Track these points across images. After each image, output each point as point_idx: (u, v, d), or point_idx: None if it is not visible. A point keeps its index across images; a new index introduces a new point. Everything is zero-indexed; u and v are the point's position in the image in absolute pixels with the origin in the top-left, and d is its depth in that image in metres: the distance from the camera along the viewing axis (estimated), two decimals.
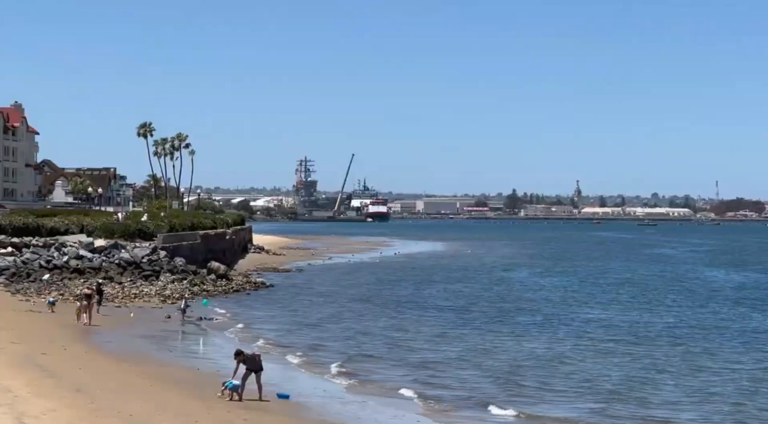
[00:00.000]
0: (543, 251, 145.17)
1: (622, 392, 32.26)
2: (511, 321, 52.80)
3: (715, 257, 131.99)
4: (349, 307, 59.50)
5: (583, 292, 72.30)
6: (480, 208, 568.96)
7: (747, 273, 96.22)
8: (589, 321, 53.18)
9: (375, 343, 43.63)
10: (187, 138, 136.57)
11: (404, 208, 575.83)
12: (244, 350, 30.07)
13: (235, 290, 67.10)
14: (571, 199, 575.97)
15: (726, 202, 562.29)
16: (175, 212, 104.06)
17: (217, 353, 39.33)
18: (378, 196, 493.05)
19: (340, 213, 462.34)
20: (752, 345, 44.16)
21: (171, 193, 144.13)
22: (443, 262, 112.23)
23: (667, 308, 61.25)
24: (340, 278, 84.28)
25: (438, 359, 38.87)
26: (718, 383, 34.14)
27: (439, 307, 60.20)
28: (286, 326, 48.98)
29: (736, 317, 56.20)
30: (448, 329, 48.69)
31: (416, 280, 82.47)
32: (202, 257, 78.43)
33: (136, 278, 63.79)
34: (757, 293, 72.48)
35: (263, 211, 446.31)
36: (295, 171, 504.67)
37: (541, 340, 45.03)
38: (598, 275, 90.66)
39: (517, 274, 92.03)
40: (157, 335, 43.66)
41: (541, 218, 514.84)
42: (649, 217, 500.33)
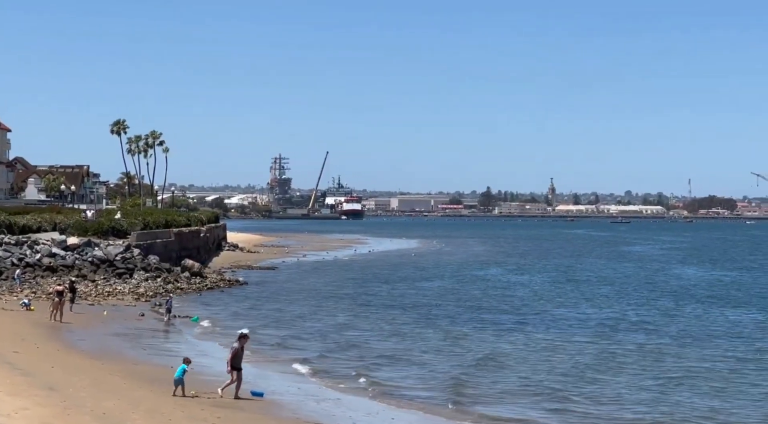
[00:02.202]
0: (516, 249, 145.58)
1: (574, 391, 32.38)
2: (481, 319, 52.87)
3: (686, 254, 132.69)
4: (323, 304, 59.50)
5: (553, 289, 72.56)
6: (454, 206, 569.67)
7: (715, 271, 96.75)
8: (558, 318, 53.42)
9: (348, 341, 43.66)
10: (161, 136, 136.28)
11: (379, 206, 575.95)
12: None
13: (209, 287, 67.00)
14: (545, 197, 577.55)
15: (698, 200, 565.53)
16: (149, 210, 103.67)
17: (191, 351, 39.19)
18: (352, 194, 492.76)
19: (315, 211, 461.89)
20: (710, 342, 44.41)
21: (145, 190, 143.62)
22: (417, 260, 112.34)
23: (633, 305, 61.51)
24: (315, 275, 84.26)
25: (407, 356, 39.04)
26: (678, 382, 34.31)
27: (412, 305, 60.26)
28: (260, 324, 48.87)
29: (702, 314, 56.50)
30: (419, 327, 48.72)
31: (390, 278, 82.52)
32: (176, 254, 78.30)
33: (110, 276, 63.54)
34: (721, 291, 72.87)
35: (237, 208, 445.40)
36: (270, 169, 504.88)
37: (507, 337, 45.22)
38: (570, 273, 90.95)
39: (490, 272, 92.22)
40: (130, 333, 43.51)
41: (516, 215, 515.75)
42: (623, 214, 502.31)
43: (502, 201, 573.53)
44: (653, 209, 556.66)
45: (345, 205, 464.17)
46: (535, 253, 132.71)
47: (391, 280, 79.92)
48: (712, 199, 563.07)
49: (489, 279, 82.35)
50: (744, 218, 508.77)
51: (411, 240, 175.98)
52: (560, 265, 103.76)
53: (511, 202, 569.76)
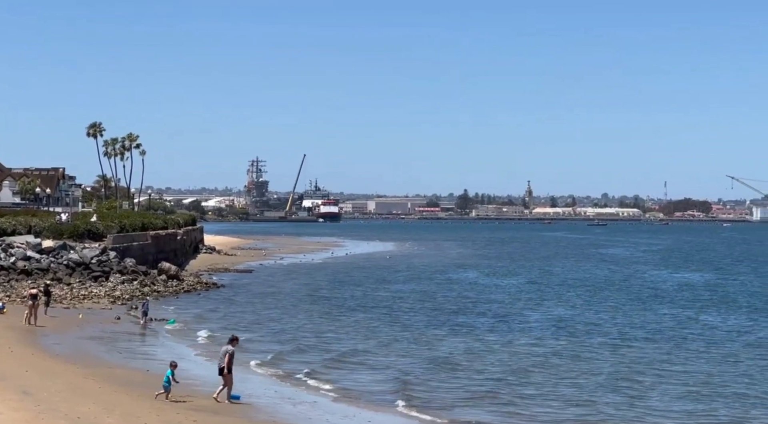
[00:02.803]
0: (493, 252, 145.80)
1: (548, 394, 32.52)
2: (453, 322, 52.90)
3: (661, 256, 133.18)
4: (299, 307, 59.45)
5: (528, 292, 72.58)
6: (431, 209, 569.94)
7: (689, 273, 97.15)
8: (531, 321, 53.52)
9: (323, 344, 43.67)
10: (137, 138, 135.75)
11: (356, 209, 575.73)
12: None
13: (186, 290, 66.84)
14: (522, 199, 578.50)
15: (674, 203, 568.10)
16: (125, 213, 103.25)
17: (167, 354, 39.08)
18: (329, 197, 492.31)
19: (292, 213, 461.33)
20: (682, 344, 44.66)
21: (121, 193, 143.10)
22: (393, 262, 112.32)
23: (606, 307, 61.72)
24: (291, 278, 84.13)
25: (382, 359, 39.13)
26: (650, 385, 34.48)
27: (385, 307, 60.27)
28: (238, 327, 48.69)
29: (675, 316, 56.73)
30: (392, 330, 48.75)
31: (366, 280, 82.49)
32: (153, 257, 78.02)
33: (85, 279, 63.24)
34: (694, 293, 73.17)
35: (215, 211, 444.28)
36: (247, 171, 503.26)
37: (480, 339, 45.34)
38: (546, 276, 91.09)
39: (465, 275, 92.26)
40: (106, 336, 43.31)
41: (493, 218, 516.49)
42: (599, 217, 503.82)
43: (479, 204, 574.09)
44: (630, 212, 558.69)
45: (322, 207, 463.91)
46: (511, 256, 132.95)
47: (366, 283, 79.87)
48: (687, 201, 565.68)
49: (464, 282, 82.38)
50: (719, 220, 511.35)
51: (387, 243, 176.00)
52: (536, 268, 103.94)
53: (488, 205, 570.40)
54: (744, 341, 46.05)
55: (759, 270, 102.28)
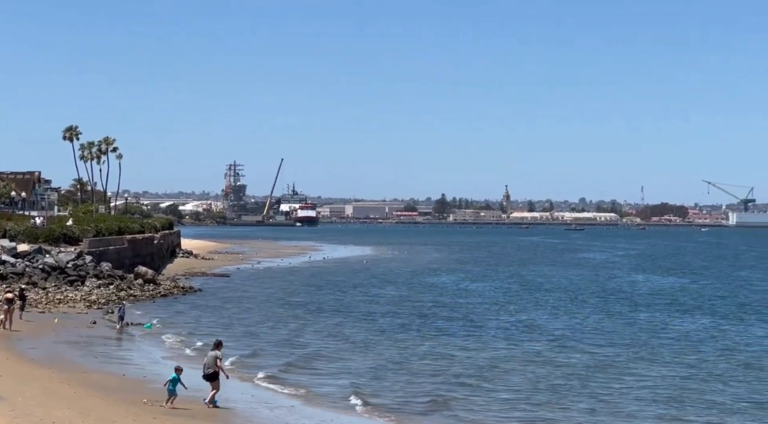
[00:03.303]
0: (470, 256, 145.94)
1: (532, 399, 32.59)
2: (428, 326, 52.95)
3: (639, 261, 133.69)
4: (276, 312, 59.38)
5: (505, 297, 72.66)
6: (409, 213, 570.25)
7: (667, 277, 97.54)
8: (507, 325, 53.57)
9: (298, 348, 43.61)
10: (114, 142, 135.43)
11: (333, 213, 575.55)
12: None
13: (162, 294, 66.65)
14: (500, 203, 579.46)
15: (651, 207, 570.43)
16: (101, 217, 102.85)
17: (143, 359, 39.00)
18: (307, 201, 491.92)
19: (270, 217, 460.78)
20: (659, 348, 44.81)
21: (98, 197, 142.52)
22: (370, 267, 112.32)
23: (584, 311, 61.89)
24: (269, 282, 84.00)
25: (358, 364, 39.11)
26: (627, 389, 34.57)
27: (362, 312, 60.27)
28: (214, 331, 48.59)
29: (652, 320, 56.92)
30: (369, 335, 48.75)
31: (343, 285, 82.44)
32: (130, 261, 77.78)
33: (61, 283, 62.94)
34: (671, 297, 73.46)
35: (192, 215, 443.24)
36: (224, 175, 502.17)
37: (453, 344, 45.39)
38: (523, 280, 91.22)
39: (442, 279, 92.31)
40: (82, 341, 43.11)
41: (470, 222, 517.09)
42: (577, 221, 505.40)
43: (457, 208, 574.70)
44: (607, 216, 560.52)
45: (300, 212, 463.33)
46: (488, 260, 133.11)
47: (343, 287, 79.81)
48: (664, 206, 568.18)
49: (440, 286, 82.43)
50: (696, 225, 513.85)
51: (365, 247, 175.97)
52: (513, 272, 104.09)
53: (466, 210, 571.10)
54: (717, 345, 46.19)
55: (733, 274, 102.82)
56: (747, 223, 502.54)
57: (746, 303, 68.75)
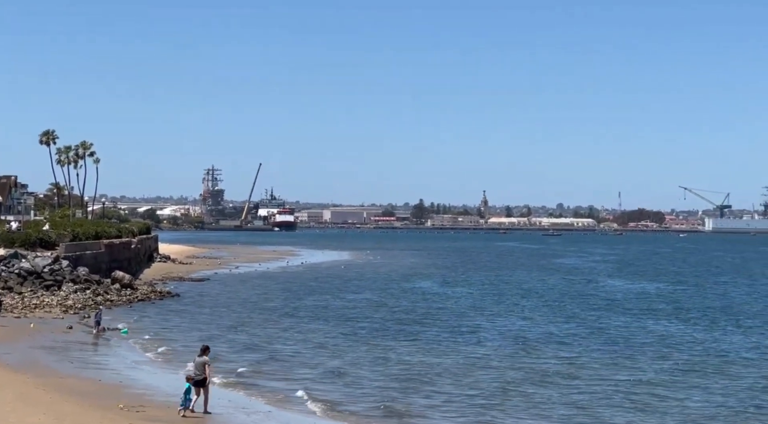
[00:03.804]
0: (448, 261, 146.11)
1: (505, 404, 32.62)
2: (406, 330, 53.01)
3: (616, 267, 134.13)
4: (253, 316, 59.33)
5: (481, 302, 72.72)
6: (387, 218, 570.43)
7: (643, 283, 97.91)
8: (483, 330, 53.68)
9: (275, 353, 43.61)
10: (91, 146, 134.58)
11: (311, 218, 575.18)
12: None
13: (139, 299, 66.53)
14: (477, 209, 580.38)
15: (628, 213, 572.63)
16: (78, 221, 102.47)
17: (120, 364, 38.92)
18: (285, 206, 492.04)
19: (247, 222, 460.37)
20: (632, 354, 44.99)
21: (75, 201, 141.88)
22: (348, 272, 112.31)
23: (559, 317, 62.05)
24: (246, 287, 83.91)
25: (334, 369, 39.08)
26: (599, 395, 34.71)
27: (338, 317, 60.25)
28: (191, 335, 48.60)
29: (627, 326, 57.10)
30: (344, 340, 48.78)
31: (320, 290, 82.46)
32: (107, 266, 77.56)
33: (37, 288, 62.69)
34: (647, 303, 73.77)
35: (170, 220, 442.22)
36: (202, 180, 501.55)
37: (425, 348, 45.49)
38: (500, 285, 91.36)
39: (420, 284, 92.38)
40: (58, 346, 42.98)
41: (448, 227, 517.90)
42: (554, 227, 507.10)
43: (435, 213, 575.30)
44: (584, 222, 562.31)
45: (278, 216, 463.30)
46: (466, 265, 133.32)
47: (320, 292, 79.82)
48: (641, 212, 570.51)
49: (417, 291, 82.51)
50: (673, 230, 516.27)
51: (343, 252, 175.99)
52: (490, 277, 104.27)
53: (444, 215, 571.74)
54: (693, 351, 46.43)
55: (711, 280, 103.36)
56: (723, 229, 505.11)
57: (722, 308, 69.10)
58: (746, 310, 68.39)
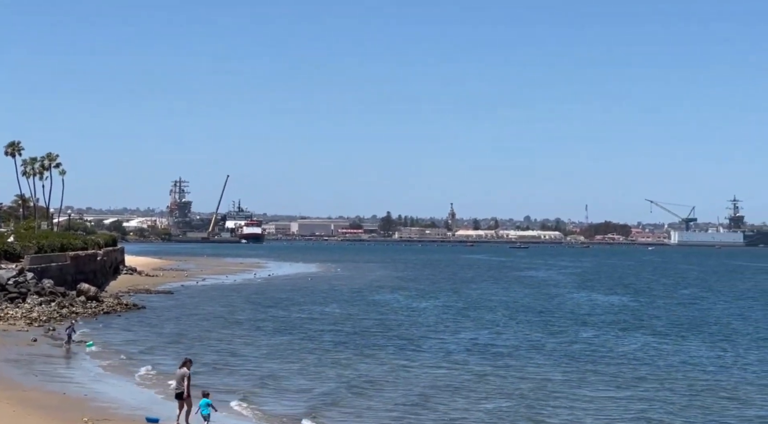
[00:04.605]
0: (415, 274, 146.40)
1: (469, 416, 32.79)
2: (372, 344, 53.08)
3: (582, 279, 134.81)
4: (219, 329, 59.27)
5: (446, 315, 72.94)
6: (354, 231, 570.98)
7: (609, 296, 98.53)
8: (448, 343, 53.81)
9: (239, 366, 43.56)
10: (57, 158, 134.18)
11: (279, 230, 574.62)
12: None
13: (105, 312, 66.32)
14: (445, 221, 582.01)
15: (595, 226, 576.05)
16: (43, 233, 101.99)
17: (84, 377, 38.83)
18: (252, 218, 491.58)
19: (215, 234, 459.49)
20: (596, 367, 45.31)
21: (40, 213, 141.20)
22: (315, 284, 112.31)
23: (524, 330, 62.34)
24: (213, 299, 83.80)
25: (294, 382, 39.17)
26: (562, 408, 34.94)
27: (307, 330, 60.30)
28: (157, 349, 48.53)
29: (593, 338, 57.45)
30: (312, 353, 48.85)
31: (287, 302, 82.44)
32: (72, 278, 77.26)
33: (1, 300, 62.41)
34: (612, 316, 74.19)
35: (136, 232, 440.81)
36: (170, 192, 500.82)
37: (390, 361, 45.59)
38: (466, 298, 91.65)
39: (386, 297, 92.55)
40: (22, 359, 42.83)
41: (416, 240, 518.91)
42: (522, 239, 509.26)
43: (402, 226, 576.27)
44: (551, 235, 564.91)
45: (245, 229, 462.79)
46: (432, 278, 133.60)
47: (286, 305, 79.81)
48: (607, 224, 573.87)
49: (383, 304, 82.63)
50: (639, 243, 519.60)
51: (310, 264, 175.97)
52: (457, 290, 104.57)
53: (411, 227, 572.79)
54: (659, 364, 46.76)
55: (677, 293, 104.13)
56: (688, 241, 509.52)
57: (687, 322, 69.69)
58: (711, 323, 68.96)
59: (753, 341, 57.09)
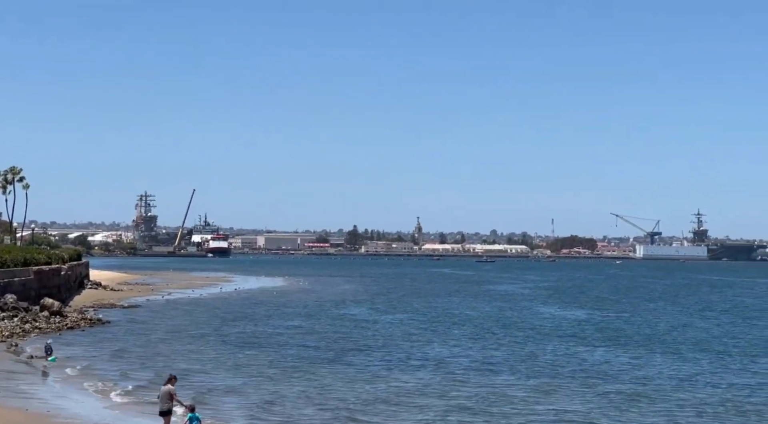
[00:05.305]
0: (381, 288, 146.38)
1: None
2: (337, 358, 52.97)
3: (548, 293, 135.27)
4: (184, 343, 59.05)
5: (411, 328, 72.89)
6: (321, 245, 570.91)
7: (573, 310, 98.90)
8: (413, 356, 53.85)
9: (207, 380, 43.43)
10: (21, 171, 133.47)
11: (245, 244, 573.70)
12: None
13: (69, 326, 65.92)
14: (411, 235, 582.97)
15: (561, 240, 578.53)
16: (6, 248, 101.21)
17: (47, 393, 38.54)
18: (219, 232, 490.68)
19: (181, 248, 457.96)
20: (560, 381, 45.49)
21: (3, 227, 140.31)
22: (281, 298, 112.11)
23: (488, 344, 62.44)
24: (179, 313, 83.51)
25: (257, 395, 38.99)
26: None
27: (271, 344, 60.20)
28: (121, 364, 48.26)
29: (558, 352, 57.67)
30: (276, 368, 48.73)
31: (251, 316, 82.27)
32: (36, 293, 76.69)
33: None
34: (577, 329, 74.49)
35: (101, 246, 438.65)
36: (135, 206, 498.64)
37: (353, 375, 45.59)
38: (431, 312, 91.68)
39: (352, 310, 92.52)
40: None
41: (382, 254, 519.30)
42: (488, 253, 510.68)
43: (369, 240, 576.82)
44: (518, 249, 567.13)
45: (211, 243, 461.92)
46: (398, 292, 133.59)
47: (251, 319, 79.61)
48: (573, 238, 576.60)
49: (349, 318, 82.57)
50: (605, 257, 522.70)
51: (276, 278, 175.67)
52: (423, 304, 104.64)
53: (378, 241, 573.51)
54: (624, 377, 46.98)
55: (642, 306, 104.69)
56: (653, 255, 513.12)
57: (653, 335, 70.08)
58: (675, 337, 69.39)
59: (716, 355, 57.44)
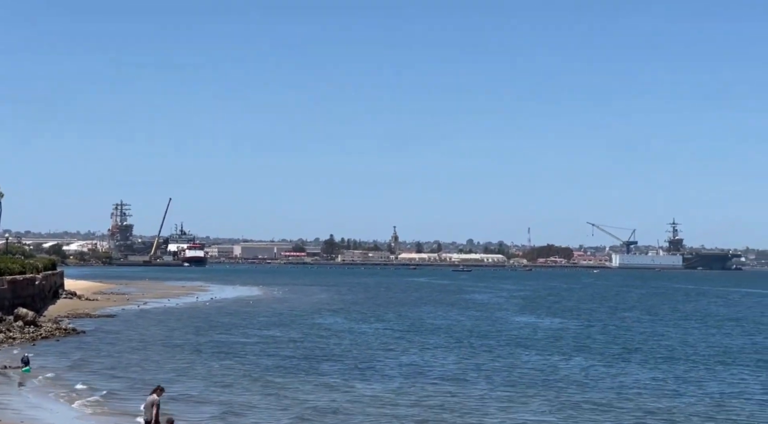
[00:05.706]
0: (357, 297, 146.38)
1: None
2: (312, 368, 52.91)
3: (522, 302, 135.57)
4: (158, 353, 58.87)
5: (386, 338, 72.95)
6: (298, 254, 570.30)
7: (548, 318, 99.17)
8: (389, 366, 53.88)
9: (184, 392, 43.29)
10: None
11: (222, 253, 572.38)
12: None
13: (43, 336, 65.62)
14: (388, 244, 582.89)
15: (537, 249, 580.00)
16: None
17: (21, 404, 38.37)
18: (195, 241, 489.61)
19: (157, 257, 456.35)
20: (534, 390, 45.59)
21: None
22: (257, 307, 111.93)
23: (463, 352, 62.53)
24: (154, 323, 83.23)
25: (235, 408, 38.88)
26: None
27: (246, 353, 60.09)
28: (96, 374, 48.10)
29: (534, 361, 57.78)
30: (249, 377, 48.66)
31: (228, 325, 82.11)
32: (9, 303, 76.30)
33: None
34: (553, 339, 74.69)
35: (77, 255, 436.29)
36: (111, 215, 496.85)
37: (328, 385, 45.55)
38: (407, 321, 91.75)
39: (328, 320, 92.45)
40: None
41: (359, 263, 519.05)
42: (465, 262, 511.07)
43: (345, 249, 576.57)
44: (494, 258, 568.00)
45: (188, 252, 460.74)
46: (374, 301, 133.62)
47: (226, 328, 79.42)
48: (550, 247, 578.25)
49: (325, 327, 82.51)
50: (581, 266, 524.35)
51: (253, 287, 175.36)
52: (399, 313, 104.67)
53: (354, 250, 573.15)
54: (602, 386, 47.13)
55: (618, 315, 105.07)
56: (629, 264, 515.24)
57: (627, 344, 70.33)
58: (650, 345, 69.69)
59: (692, 364, 57.70)
